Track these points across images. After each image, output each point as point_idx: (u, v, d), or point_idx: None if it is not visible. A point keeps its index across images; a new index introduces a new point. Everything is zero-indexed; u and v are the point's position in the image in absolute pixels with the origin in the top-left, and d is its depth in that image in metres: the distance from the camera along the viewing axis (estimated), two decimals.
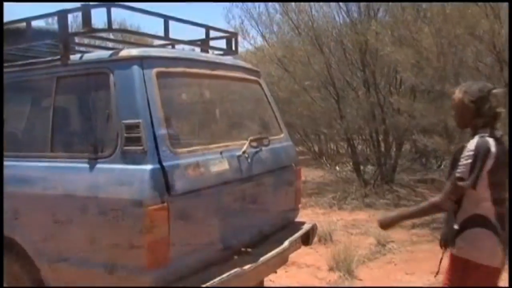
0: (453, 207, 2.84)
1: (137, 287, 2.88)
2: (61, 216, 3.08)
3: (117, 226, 2.86)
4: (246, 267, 3.25)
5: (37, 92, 3.57)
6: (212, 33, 4.26)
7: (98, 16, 3.24)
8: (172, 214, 2.87)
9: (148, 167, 2.83)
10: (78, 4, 3.15)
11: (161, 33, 3.67)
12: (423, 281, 5.17)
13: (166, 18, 3.60)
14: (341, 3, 10.54)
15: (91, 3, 3.14)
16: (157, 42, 4.58)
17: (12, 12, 4.19)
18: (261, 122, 4.26)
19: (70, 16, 3.25)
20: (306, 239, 4.14)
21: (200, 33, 4.23)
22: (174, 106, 3.39)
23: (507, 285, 4.52)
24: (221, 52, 4.33)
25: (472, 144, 2.72)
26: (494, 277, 2.83)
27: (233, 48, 4.34)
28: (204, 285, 2.90)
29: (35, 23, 3.69)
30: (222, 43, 4.34)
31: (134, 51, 3.15)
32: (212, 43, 4.34)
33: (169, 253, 2.87)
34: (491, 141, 2.71)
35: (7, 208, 3.29)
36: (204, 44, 4.28)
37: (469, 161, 2.69)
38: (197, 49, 4.39)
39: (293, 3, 11.06)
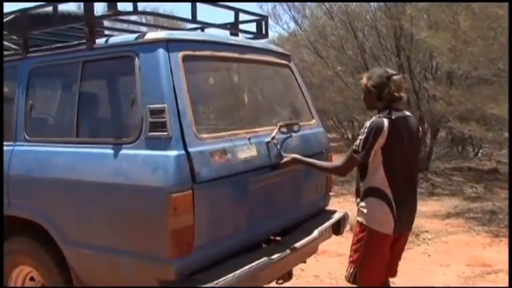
0: (360, 178, 3.25)
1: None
2: (85, 202, 3.04)
3: (141, 213, 2.80)
4: (274, 256, 3.17)
5: (63, 77, 3.54)
6: (243, 17, 4.16)
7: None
8: (198, 202, 2.79)
9: (173, 153, 2.75)
10: None
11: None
12: (458, 273, 5.03)
13: (194, 0, 3.50)
14: None
15: None
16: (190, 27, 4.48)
17: None
18: (292, 107, 4.14)
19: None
20: (337, 228, 4.03)
21: (230, 18, 4.14)
22: (200, 90, 3.30)
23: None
24: (251, 36, 4.22)
25: (370, 121, 3.10)
26: (385, 242, 3.19)
27: (263, 31, 4.23)
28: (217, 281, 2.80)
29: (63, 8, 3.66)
30: (252, 27, 4.24)
31: (160, 34, 3.06)
32: (242, 27, 4.24)
33: (193, 242, 2.80)
34: (385, 121, 3.05)
35: (33, 193, 3.27)
36: (233, 28, 4.17)
37: (363, 136, 3.07)
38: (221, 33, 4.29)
39: None
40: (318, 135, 4.11)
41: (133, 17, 6.52)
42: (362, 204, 3.22)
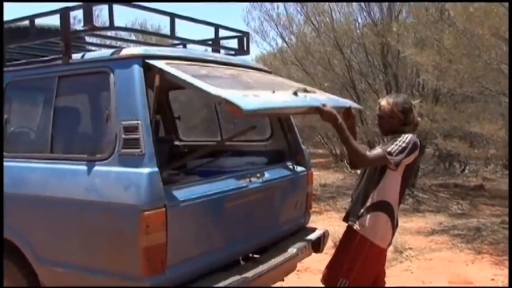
0: (367, 188, 3.25)
1: None
2: (58, 219, 3.00)
3: (114, 231, 2.76)
4: (249, 275, 3.13)
5: (39, 92, 3.50)
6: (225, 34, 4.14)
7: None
8: (171, 220, 2.75)
9: (146, 170, 2.71)
10: None
11: (184, 35, 3.60)
12: None
13: (172, 16, 3.49)
14: (363, 4, 10.35)
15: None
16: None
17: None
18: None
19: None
20: (317, 246, 3.99)
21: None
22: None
23: (507, 285, 4.47)
24: (232, 52, 4.21)
25: (409, 135, 3.16)
26: (382, 256, 3.39)
27: (245, 48, 4.22)
28: None
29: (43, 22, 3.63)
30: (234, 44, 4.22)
31: (135, 50, 3.05)
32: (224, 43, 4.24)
33: (166, 260, 2.76)
34: (418, 142, 3.21)
35: (6, 209, 3.21)
36: (214, 44, 4.16)
37: (403, 145, 3.10)
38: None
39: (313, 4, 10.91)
40: None
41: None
42: (368, 217, 3.22)
